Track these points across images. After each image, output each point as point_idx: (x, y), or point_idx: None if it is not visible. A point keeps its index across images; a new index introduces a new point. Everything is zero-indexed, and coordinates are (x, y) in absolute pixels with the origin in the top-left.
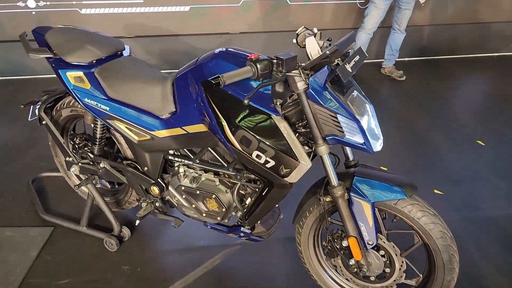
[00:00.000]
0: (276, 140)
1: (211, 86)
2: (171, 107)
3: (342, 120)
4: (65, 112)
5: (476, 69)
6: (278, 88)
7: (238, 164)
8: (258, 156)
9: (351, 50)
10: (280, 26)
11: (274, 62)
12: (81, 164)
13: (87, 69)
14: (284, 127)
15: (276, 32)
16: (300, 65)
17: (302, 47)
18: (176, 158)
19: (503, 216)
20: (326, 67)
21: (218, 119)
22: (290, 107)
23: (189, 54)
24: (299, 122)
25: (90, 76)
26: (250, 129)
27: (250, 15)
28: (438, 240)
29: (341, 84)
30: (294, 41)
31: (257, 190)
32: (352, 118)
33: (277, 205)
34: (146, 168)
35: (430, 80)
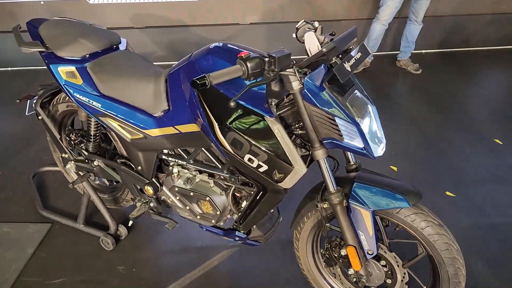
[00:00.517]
0: (269, 144)
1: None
2: (164, 105)
3: (340, 123)
4: (62, 107)
5: (496, 62)
6: (274, 87)
7: (231, 166)
8: (250, 159)
9: (352, 47)
10: (292, 17)
11: (266, 61)
12: (76, 161)
13: (80, 64)
14: (278, 130)
15: (288, 23)
16: (295, 63)
17: (302, 42)
18: (170, 158)
19: None
20: (323, 66)
21: (209, 119)
22: (286, 107)
23: (198, 45)
24: (296, 124)
25: (83, 71)
26: (241, 131)
27: (261, 5)
28: (443, 252)
29: (340, 84)
30: (294, 35)
31: (252, 193)
32: (351, 121)
33: (277, 206)
34: (140, 167)
35: (447, 73)
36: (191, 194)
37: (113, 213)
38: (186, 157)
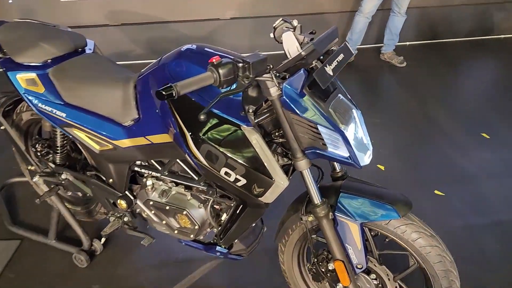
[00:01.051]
0: (247, 156)
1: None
2: (134, 114)
3: (324, 131)
4: (26, 116)
5: (481, 53)
6: (251, 93)
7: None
8: (227, 173)
9: (334, 48)
10: (274, 11)
11: (240, 66)
12: (42, 175)
13: (41, 70)
14: (256, 140)
15: (270, 17)
16: (272, 68)
17: (280, 42)
18: (143, 170)
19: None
20: (302, 71)
21: (181, 130)
22: (265, 114)
23: (178, 41)
24: (276, 131)
25: (44, 78)
26: (216, 143)
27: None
28: (436, 264)
29: (322, 88)
30: (272, 35)
31: (232, 205)
32: (335, 129)
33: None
34: (111, 180)
35: (432, 66)
36: (167, 208)
37: (88, 227)
38: (160, 168)
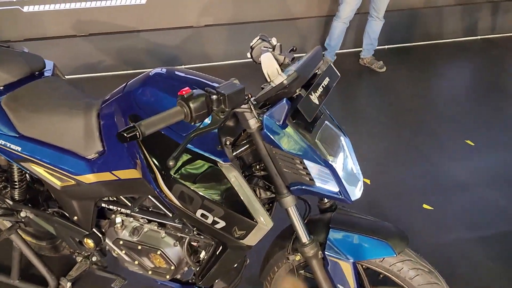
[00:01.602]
0: (226, 196)
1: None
2: (98, 146)
3: (310, 165)
4: None
5: (460, 54)
6: (228, 123)
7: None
8: (203, 215)
9: (318, 71)
10: (249, 17)
11: (214, 99)
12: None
13: None
14: (235, 178)
15: (245, 24)
16: (250, 98)
17: (259, 63)
18: (111, 206)
19: (504, 234)
20: (284, 100)
21: (150, 167)
22: (244, 146)
23: (150, 51)
24: (257, 164)
25: None
26: (190, 182)
27: (216, 6)
28: None
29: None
30: (249, 55)
31: (212, 244)
32: (323, 163)
33: None
34: (75, 217)
35: (413, 70)
36: (139, 247)
37: (54, 263)
38: (130, 204)
